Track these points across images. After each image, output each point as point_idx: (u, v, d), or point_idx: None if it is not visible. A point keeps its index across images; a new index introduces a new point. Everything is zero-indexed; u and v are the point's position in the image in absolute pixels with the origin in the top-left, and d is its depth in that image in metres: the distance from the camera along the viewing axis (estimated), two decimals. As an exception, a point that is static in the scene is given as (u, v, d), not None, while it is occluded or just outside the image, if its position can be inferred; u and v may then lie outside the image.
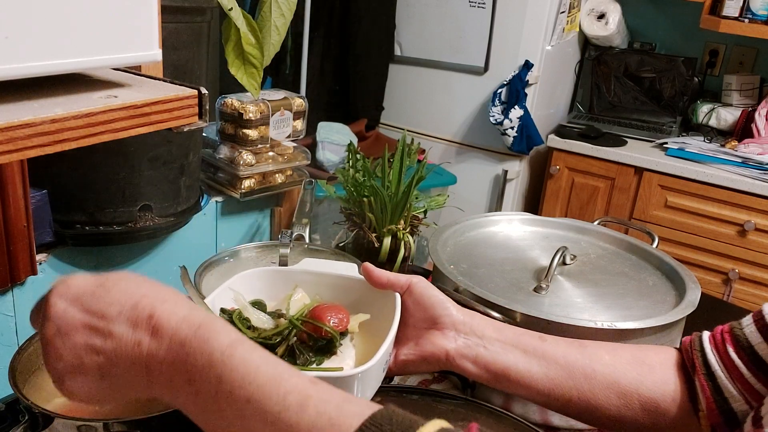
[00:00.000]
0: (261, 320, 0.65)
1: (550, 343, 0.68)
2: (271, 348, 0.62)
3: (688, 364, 0.66)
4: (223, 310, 0.66)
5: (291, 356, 0.63)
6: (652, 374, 0.66)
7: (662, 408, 0.65)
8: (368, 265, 0.71)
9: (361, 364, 0.59)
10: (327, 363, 0.63)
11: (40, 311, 0.49)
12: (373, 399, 0.75)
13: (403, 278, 0.70)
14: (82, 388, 0.48)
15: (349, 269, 0.76)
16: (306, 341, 0.65)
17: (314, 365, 0.62)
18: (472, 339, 0.67)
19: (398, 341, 0.69)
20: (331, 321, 0.64)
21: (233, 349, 0.45)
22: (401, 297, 0.69)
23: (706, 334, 0.67)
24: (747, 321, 0.64)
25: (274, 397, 0.43)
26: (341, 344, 0.64)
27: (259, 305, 0.68)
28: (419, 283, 0.70)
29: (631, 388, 0.65)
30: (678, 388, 0.65)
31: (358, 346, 0.67)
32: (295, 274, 0.75)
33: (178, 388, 0.45)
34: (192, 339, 0.45)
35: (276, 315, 0.67)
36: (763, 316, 0.63)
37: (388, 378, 0.90)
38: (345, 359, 0.64)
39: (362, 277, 0.72)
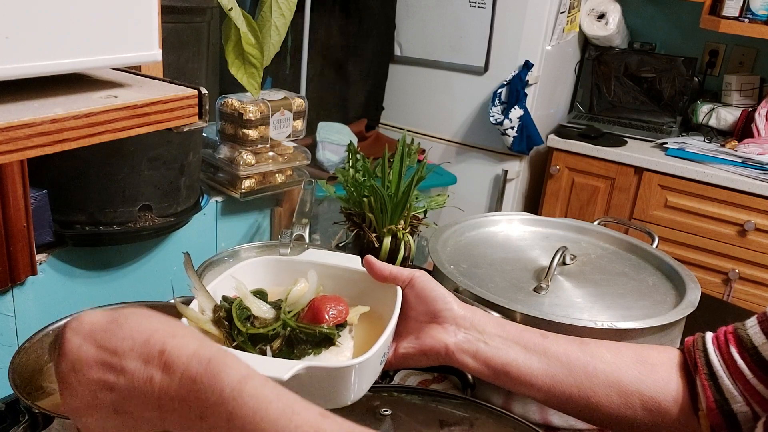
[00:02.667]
0: (261, 310, 0.65)
1: (551, 340, 0.68)
2: (268, 339, 0.62)
3: (690, 364, 0.66)
4: (224, 298, 0.66)
5: (289, 346, 0.63)
6: (654, 374, 0.66)
7: (663, 408, 0.65)
8: (370, 257, 0.71)
9: (359, 356, 0.58)
10: (325, 354, 0.63)
11: (56, 346, 0.50)
12: (372, 401, 0.75)
13: (405, 272, 0.70)
14: (97, 425, 0.49)
15: (351, 261, 0.76)
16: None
17: (312, 356, 0.62)
18: (472, 334, 0.67)
19: (399, 335, 0.69)
20: (330, 312, 0.64)
21: (244, 384, 0.45)
22: (403, 290, 0.69)
23: (709, 335, 0.67)
24: (751, 322, 0.64)
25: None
26: (340, 336, 0.64)
27: (260, 295, 0.68)
28: (421, 277, 0.69)
29: (633, 387, 0.65)
30: (679, 388, 0.65)
31: (358, 338, 0.67)
32: (298, 264, 0.75)
33: (191, 424, 0.46)
34: (203, 375, 0.45)
35: (276, 305, 0.66)
36: None
37: (388, 377, 0.91)
38: (343, 351, 0.64)
39: (365, 269, 0.72)
